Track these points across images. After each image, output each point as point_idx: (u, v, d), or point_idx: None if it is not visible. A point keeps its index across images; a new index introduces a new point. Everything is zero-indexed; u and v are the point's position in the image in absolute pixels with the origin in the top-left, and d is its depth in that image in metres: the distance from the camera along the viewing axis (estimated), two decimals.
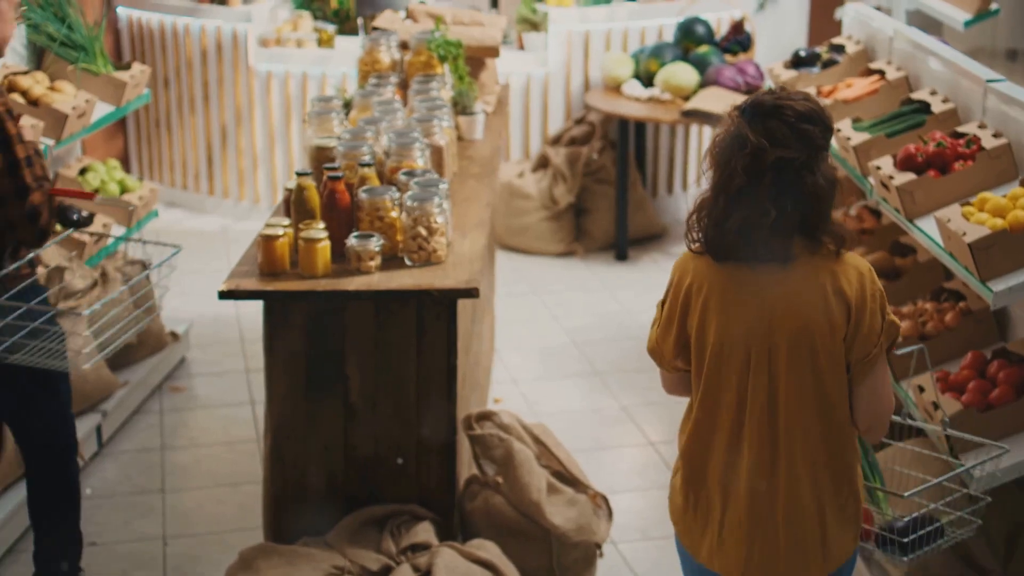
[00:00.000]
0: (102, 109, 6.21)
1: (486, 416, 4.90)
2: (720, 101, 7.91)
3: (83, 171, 6.43)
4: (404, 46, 6.21)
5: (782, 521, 3.30)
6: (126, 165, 9.41)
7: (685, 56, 8.51)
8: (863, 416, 3.32)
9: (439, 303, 4.47)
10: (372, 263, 4.49)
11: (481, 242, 4.80)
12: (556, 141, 8.73)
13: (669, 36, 8.85)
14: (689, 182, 9.18)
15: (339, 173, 4.66)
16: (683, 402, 3.53)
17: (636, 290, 7.96)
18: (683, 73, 8.28)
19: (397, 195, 4.62)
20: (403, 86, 6.02)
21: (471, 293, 4.41)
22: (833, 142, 5.57)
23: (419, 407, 4.58)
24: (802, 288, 3.21)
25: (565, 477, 4.96)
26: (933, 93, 5.39)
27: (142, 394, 6.43)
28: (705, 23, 8.67)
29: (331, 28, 8.75)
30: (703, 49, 8.48)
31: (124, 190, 6.44)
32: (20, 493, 5.25)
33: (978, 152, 4.81)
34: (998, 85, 5.02)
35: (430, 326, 4.51)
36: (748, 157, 3.15)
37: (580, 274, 8.32)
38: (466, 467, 4.98)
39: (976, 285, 4.30)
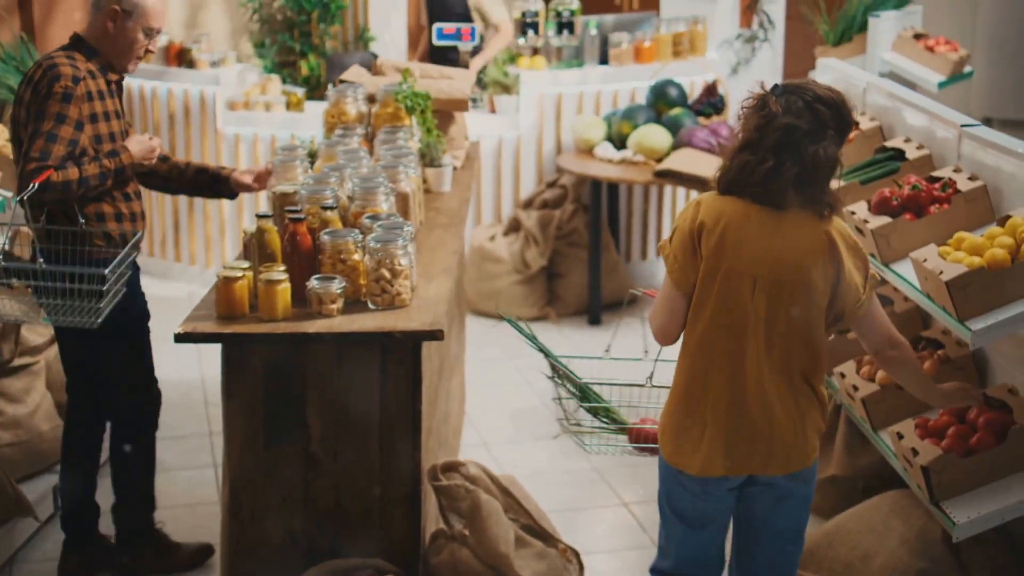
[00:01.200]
0: None
1: (452, 467, 4.75)
2: (693, 162, 7.84)
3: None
4: (371, 99, 6.12)
5: (780, 423, 3.83)
6: None
7: (658, 118, 8.44)
8: (872, 343, 3.95)
9: (402, 346, 4.34)
10: (334, 306, 4.36)
11: (447, 286, 4.67)
12: (528, 204, 8.64)
13: (641, 99, 8.79)
14: None
15: (300, 215, 4.54)
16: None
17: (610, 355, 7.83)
18: (656, 135, 8.20)
19: (360, 237, 4.50)
20: (370, 139, 5.93)
21: (435, 335, 4.28)
22: None
23: (382, 456, 4.43)
24: (804, 234, 3.76)
25: (534, 530, 4.81)
26: (907, 140, 5.31)
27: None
28: (678, 86, 8.61)
29: (300, 92, 8.67)
30: (676, 111, 8.41)
31: None
32: None
33: (954, 195, 4.73)
34: (973, 130, 4.94)
35: (393, 371, 4.38)
36: (762, 119, 3.75)
37: (552, 339, 8.17)
38: (432, 520, 4.82)
39: (954, 325, 4.19)
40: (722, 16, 9.41)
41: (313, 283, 4.36)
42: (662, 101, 8.53)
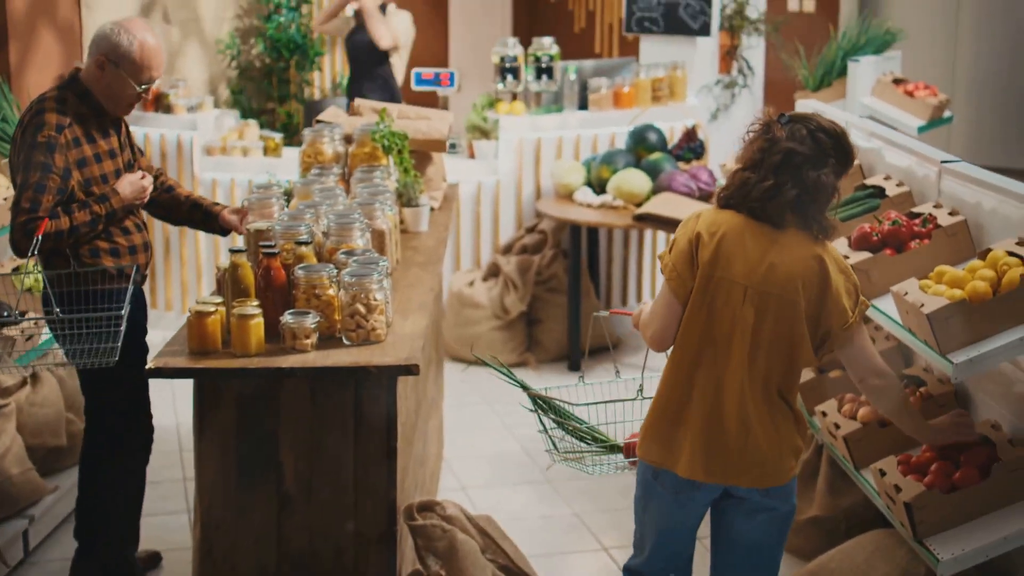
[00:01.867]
0: None
1: (428, 506, 4.67)
2: (673, 206, 7.80)
3: (15, 269, 6.23)
4: (348, 139, 6.07)
5: (756, 436, 3.92)
6: None
7: (637, 163, 8.40)
8: (857, 371, 4.00)
9: (377, 382, 4.27)
10: (308, 341, 4.29)
11: (423, 323, 4.62)
12: (507, 250, 8.58)
13: (621, 144, 8.76)
14: (644, 293, 9.04)
15: (274, 249, 4.48)
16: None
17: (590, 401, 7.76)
18: (635, 179, 8.17)
19: (335, 272, 4.45)
20: (346, 178, 5.87)
21: (411, 370, 4.22)
22: None
23: (357, 495, 4.35)
24: (796, 252, 3.89)
25: (512, 571, 4.73)
26: (887, 178, 5.28)
27: (72, 502, 6.14)
28: (658, 131, 8.58)
29: (278, 137, 8.62)
30: (656, 156, 8.38)
31: None
32: None
33: (934, 230, 4.69)
34: (953, 166, 4.92)
35: (368, 408, 4.31)
36: (766, 142, 3.90)
37: (532, 384, 8.08)
38: (408, 561, 4.73)
39: (936, 359, 4.14)
40: (701, 62, 9.41)
41: (287, 318, 4.30)
42: (642, 146, 8.50)
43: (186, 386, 4.39)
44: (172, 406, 7.36)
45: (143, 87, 4.93)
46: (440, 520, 4.63)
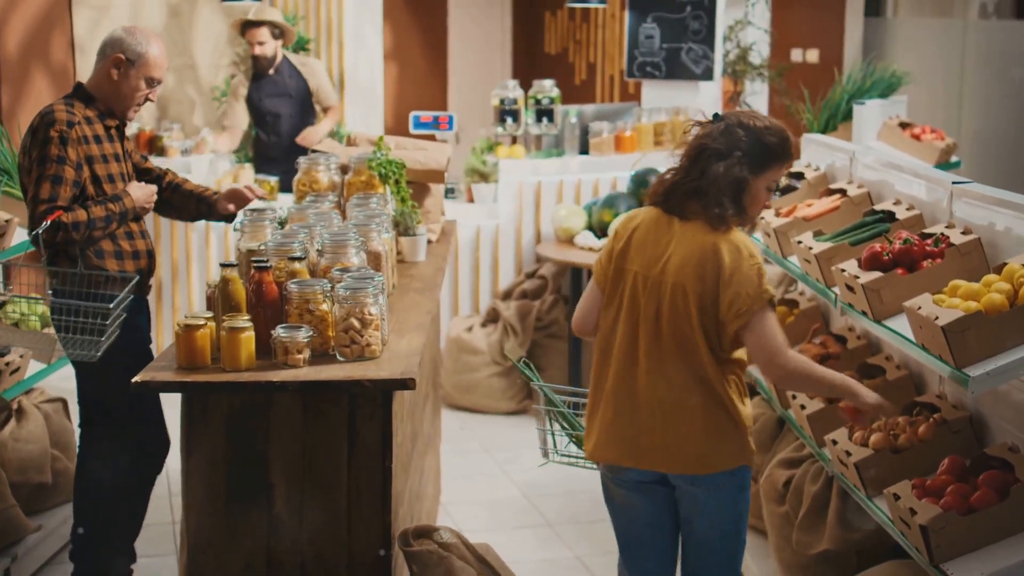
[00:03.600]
0: (23, 235, 5.92)
1: (425, 532, 4.50)
2: None
3: (2, 304, 6.09)
4: (344, 170, 5.94)
5: (668, 421, 4.03)
6: None
7: (639, 206, 8.26)
8: (753, 358, 4.04)
9: (372, 399, 4.11)
10: (300, 356, 4.14)
11: (419, 341, 4.47)
12: (507, 295, 8.44)
13: (622, 189, 8.64)
14: None
15: (267, 264, 4.34)
16: None
17: None
18: None
19: (329, 287, 4.30)
20: (342, 207, 5.74)
21: (407, 384, 4.07)
22: (795, 258, 5.36)
23: (351, 517, 4.18)
24: (693, 241, 4.02)
25: None
26: (897, 203, 5.15)
27: (58, 543, 5.97)
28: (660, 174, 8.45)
29: (273, 180, 8.50)
30: None
31: (46, 324, 6.09)
32: None
33: (947, 249, 4.55)
34: (965, 186, 4.78)
35: (363, 426, 4.15)
36: (690, 139, 4.09)
37: (532, 432, 7.91)
38: None
39: (951, 373, 3.98)
40: (704, 107, 9.30)
41: (279, 331, 4.15)
42: (644, 189, 8.37)
43: (178, 427, 4.23)
44: None
45: (151, 88, 5.13)
46: (437, 547, 4.46)
